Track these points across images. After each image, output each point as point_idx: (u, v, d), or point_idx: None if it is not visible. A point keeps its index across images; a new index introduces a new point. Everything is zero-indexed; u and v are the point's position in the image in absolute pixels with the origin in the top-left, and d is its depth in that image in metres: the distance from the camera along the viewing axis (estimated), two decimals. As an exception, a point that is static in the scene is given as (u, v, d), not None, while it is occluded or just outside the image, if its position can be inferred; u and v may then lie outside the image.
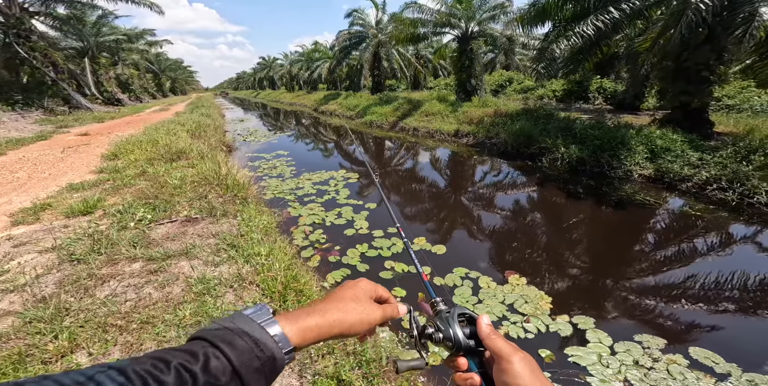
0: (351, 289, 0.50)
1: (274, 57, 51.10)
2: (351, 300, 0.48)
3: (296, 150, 10.38)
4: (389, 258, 3.64)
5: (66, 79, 16.13)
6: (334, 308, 0.46)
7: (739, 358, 2.28)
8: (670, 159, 6.22)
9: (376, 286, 0.53)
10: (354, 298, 0.49)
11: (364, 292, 0.51)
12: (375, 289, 0.53)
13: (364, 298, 0.50)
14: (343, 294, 0.49)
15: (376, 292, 0.53)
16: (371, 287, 0.52)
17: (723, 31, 6.52)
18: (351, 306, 0.47)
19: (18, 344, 1.67)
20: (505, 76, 21.65)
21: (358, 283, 0.52)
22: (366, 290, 0.51)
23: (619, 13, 7.21)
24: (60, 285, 2.20)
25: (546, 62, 8.78)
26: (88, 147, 7.62)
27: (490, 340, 0.47)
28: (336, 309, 0.46)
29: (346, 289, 0.50)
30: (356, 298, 0.49)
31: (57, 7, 15.51)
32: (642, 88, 13.19)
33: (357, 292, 0.50)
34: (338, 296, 0.49)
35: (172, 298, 2.11)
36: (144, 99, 30.58)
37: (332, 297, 0.49)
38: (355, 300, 0.48)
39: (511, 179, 7.19)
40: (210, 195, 3.97)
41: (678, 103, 7.53)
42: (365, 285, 0.52)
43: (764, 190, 4.95)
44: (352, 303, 0.48)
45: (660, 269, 3.56)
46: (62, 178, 4.96)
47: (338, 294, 0.49)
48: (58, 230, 3.05)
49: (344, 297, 0.49)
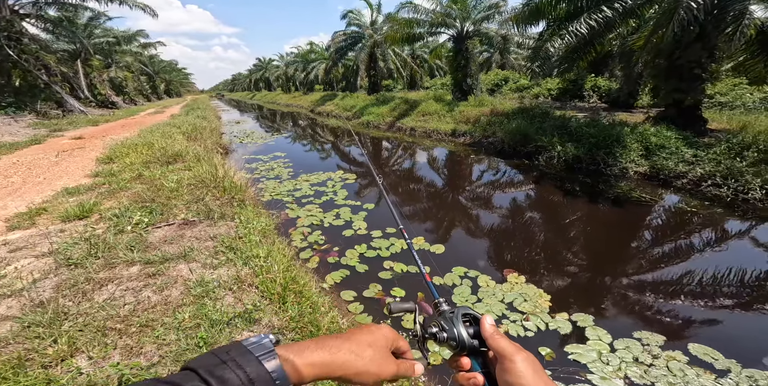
0: (371, 334, 0.46)
1: (270, 58, 50.97)
2: (368, 345, 0.44)
3: (293, 151, 10.36)
4: (388, 258, 3.65)
5: (59, 82, 15.98)
6: (346, 349, 0.42)
7: (738, 354, 2.30)
8: (665, 156, 6.28)
9: (398, 337, 0.49)
10: (371, 345, 0.45)
11: (385, 340, 0.47)
12: (396, 340, 0.49)
13: (382, 347, 0.46)
14: (360, 337, 0.45)
15: (397, 343, 0.49)
16: (393, 337, 0.48)
17: (714, 29, 6.60)
18: (366, 353, 0.43)
19: (17, 348, 1.65)
20: (501, 75, 21.74)
21: (380, 329, 0.48)
22: (387, 339, 0.47)
23: (611, 11, 7.27)
24: (58, 290, 2.19)
25: (541, 61, 8.83)
26: (82, 150, 7.56)
27: (494, 340, 0.47)
28: (349, 351, 0.42)
29: (365, 333, 0.47)
30: (374, 345, 0.45)
31: (48, 9, 15.37)
32: (636, 86, 13.31)
33: (377, 339, 0.46)
34: (355, 337, 0.45)
35: (171, 301, 2.10)
36: (139, 101, 30.38)
37: (348, 337, 0.45)
38: (372, 347, 0.45)
39: (508, 178, 7.23)
40: (207, 197, 3.96)
41: (671, 100, 7.61)
42: (387, 333, 0.48)
43: (758, 185, 5.02)
44: (369, 349, 0.44)
45: (657, 266, 3.60)
46: (57, 182, 4.91)
47: (355, 336, 0.45)
48: (55, 234, 3.03)
49: (361, 340, 0.45)
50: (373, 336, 0.46)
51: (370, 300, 2.98)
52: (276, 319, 2.02)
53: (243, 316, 1.97)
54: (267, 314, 2.04)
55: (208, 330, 1.82)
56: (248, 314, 1.99)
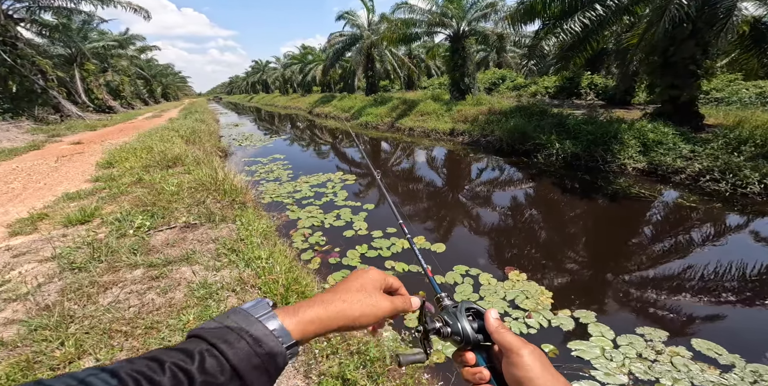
0: (358, 279, 0.47)
1: (267, 61, 50.99)
2: (357, 290, 0.45)
3: (292, 153, 10.37)
4: (389, 258, 3.66)
5: (55, 87, 15.96)
6: (338, 299, 0.43)
7: (742, 349, 2.30)
8: (663, 152, 6.31)
9: (386, 276, 0.50)
10: (360, 288, 0.46)
11: (372, 282, 0.47)
12: (384, 279, 0.49)
13: (371, 288, 0.46)
14: (348, 285, 0.46)
15: (386, 282, 0.49)
16: (380, 277, 0.49)
17: (706, 26, 6.65)
18: (356, 297, 0.44)
19: (25, 351, 1.67)
20: (498, 74, 21.81)
21: (366, 273, 0.49)
22: (374, 280, 0.48)
23: (605, 9, 7.32)
24: (63, 293, 2.20)
25: (536, 59, 8.87)
26: (82, 155, 7.56)
27: (499, 334, 0.46)
28: (340, 300, 0.43)
29: (353, 279, 0.47)
30: (363, 288, 0.46)
31: (42, 13, 15.35)
32: (632, 83, 13.35)
33: (364, 282, 0.47)
34: (344, 287, 0.46)
35: (175, 303, 2.12)
36: (136, 105, 30.36)
37: (337, 288, 0.46)
38: (362, 291, 0.45)
39: (508, 176, 7.25)
40: (208, 200, 3.97)
41: (667, 96, 7.65)
42: (374, 275, 0.48)
43: (756, 180, 5.05)
44: (358, 293, 0.45)
45: (658, 261, 3.62)
46: (58, 188, 4.92)
47: (344, 285, 0.46)
48: (57, 239, 3.03)
49: (350, 287, 0.46)
50: (361, 281, 0.47)
51: (372, 299, 2.99)
52: (280, 320, 2.03)
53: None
54: (271, 315, 2.04)
55: (213, 332, 1.83)
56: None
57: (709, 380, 2.08)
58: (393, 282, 0.51)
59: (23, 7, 14.57)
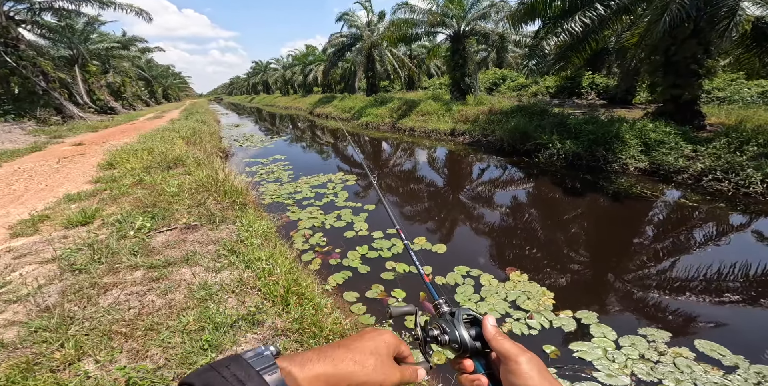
0: (372, 341, 0.45)
1: (267, 61, 51.05)
2: (370, 354, 0.43)
3: (293, 154, 10.38)
4: (390, 258, 3.65)
5: (57, 88, 16.01)
6: (350, 359, 0.41)
7: (746, 350, 2.28)
8: (665, 151, 6.28)
9: (399, 342, 0.48)
10: (374, 353, 0.44)
11: (387, 347, 0.46)
12: (398, 346, 0.48)
13: (385, 355, 0.45)
14: (363, 345, 0.44)
15: (398, 349, 0.48)
16: (395, 342, 0.47)
17: (708, 25, 6.62)
18: (369, 361, 0.42)
19: (25, 353, 1.67)
20: (499, 73, 21.79)
21: (381, 335, 0.47)
22: (389, 345, 0.46)
23: (605, 9, 7.30)
24: (63, 295, 2.20)
25: (537, 59, 8.85)
26: (83, 157, 7.58)
27: (497, 341, 0.46)
28: (352, 361, 0.41)
29: (367, 340, 0.45)
30: (376, 353, 0.44)
31: (43, 14, 15.41)
32: (633, 83, 13.32)
33: (379, 346, 0.45)
34: (357, 346, 0.44)
35: (175, 305, 2.11)
36: (137, 106, 30.45)
37: (349, 346, 0.44)
38: (375, 356, 0.43)
39: (509, 176, 7.23)
40: (208, 201, 3.96)
41: (669, 96, 7.62)
42: (389, 340, 0.47)
43: (759, 179, 5.02)
44: (371, 358, 0.43)
45: (660, 261, 3.60)
46: (59, 189, 4.93)
47: (357, 344, 0.44)
48: (58, 241, 3.04)
49: (363, 349, 0.44)
50: (375, 344, 0.45)
51: (372, 301, 2.99)
52: (279, 321, 2.02)
53: (246, 319, 1.98)
54: (270, 316, 2.04)
55: (213, 333, 1.83)
56: (251, 316, 2.00)
57: (713, 381, 2.06)
58: (404, 349, 0.49)
59: (24, 9, 14.63)
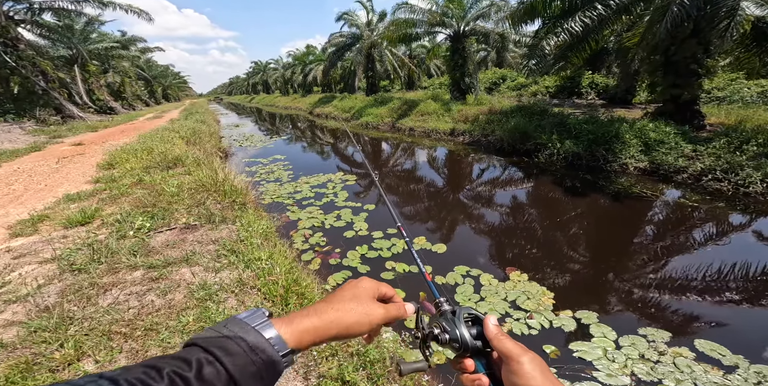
0: (351, 289, 0.49)
1: (267, 61, 51.02)
2: (350, 299, 0.47)
3: (293, 154, 10.37)
4: (389, 258, 3.65)
5: (57, 88, 16.00)
6: (331, 308, 0.45)
7: (746, 350, 2.28)
8: (664, 151, 6.28)
9: (379, 284, 0.51)
10: (353, 298, 0.47)
11: (366, 291, 0.49)
12: (378, 288, 0.51)
13: (365, 297, 0.48)
14: (342, 295, 0.48)
15: (379, 291, 0.51)
16: (373, 285, 0.50)
17: (708, 25, 6.62)
18: (350, 306, 0.46)
19: (25, 353, 1.67)
20: (499, 73, 21.78)
21: (359, 282, 0.50)
22: (367, 289, 0.49)
23: (605, 9, 7.30)
24: (62, 295, 2.19)
25: (537, 59, 8.85)
26: (83, 157, 7.57)
27: (498, 341, 0.46)
28: (333, 310, 0.44)
29: (346, 289, 0.49)
30: (356, 297, 0.47)
31: (43, 14, 15.39)
32: (633, 82, 13.31)
33: (357, 292, 0.48)
34: (337, 297, 0.47)
35: (175, 305, 2.11)
36: (137, 106, 30.42)
37: (331, 298, 0.47)
38: (355, 300, 0.47)
39: (509, 176, 7.23)
40: (208, 201, 3.96)
41: (669, 96, 7.62)
42: (367, 284, 0.50)
43: (759, 179, 5.02)
44: (352, 302, 0.46)
45: (660, 261, 3.60)
46: (58, 189, 4.92)
47: (337, 295, 0.48)
48: (57, 241, 3.03)
49: (343, 297, 0.47)
50: (354, 291, 0.48)
51: (373, 300, 2.98)
52: (280, 321, 2.02)
53: (247, 319, 1.98)
54: (271, 316, 2.04)
55: (213, 333, 1.82)
56: (252, 316, 1.99)
57: (713, 381, 2.06)
58: (386, 290, 0.52)
59: (24, 9, 14.61)
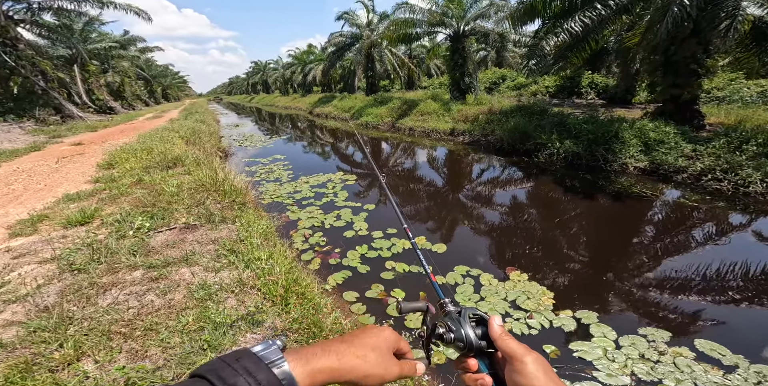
0: (374, 337, 0.48)
1: (267, 61, 51.00)
2: (372, 349, 0.45)
3: (293, 153, 10.37)
4: (389, 258, 3.65)
5: (56, 88, 15.98)
6: (352, 354, 0.43)
7: (745, 349, 2.28)
8: (664, 151, 6.29)
9: (399, 339, 0.50)
10: (375, 348, 0.46)
11: (387, 343, 0.48)
12: (398, 342, 0.50)
13: (385, 350, 0.47)
14: (364, 341, 0.46)
15: (398, 345, 0.50)
16: (395, 339, 0.50)
17: (708, 25, 6.62)
18: (370, 357, 0.44)
19: (24, 353, 1.66)
20: (498, 73, 21.78)
21: (382, 332, 0.49)
22: (389, 341, 0.48)
23: (605, 8, 7.30)
24: (62, 295, 2.19)
25: (537, 59, 8.85)
26: (82, 156, 7.56)
27: (502, 341, 0.47)
28: (354, 356, 0.43)
29: (369, 336, 0.48)
30: (378, 348, 0.46)
31: (43, 14, 15.37)
32: (633, 82, 13.32)
33: (379, 342, 0.47)
34: (359, 341, 0.46)
35: (175, 305, 2.11)
36: (136, 106, 30.40)
37: (352, 341, 0.46)
38: (377, 351, 0.46)
39: (508, 175, 7.23)
40: (208, 201, 3.96)
41: (669, 95, 7.62)
42: (389, 336, 0.49)
43: (759, 179, 5.02)
44: (372, 353, 0.45)
45: (660, 261, 3.60)
46: (58, 189, 4.92)
47: (359, 339, 0.46)
48: (57, 241, 3.03)
49: (365, 344, 0.46)
50: (377, 339, 0.47)
51: (372, 300, 2.98)
52: (279, 321, 2.02)
53: (246, 319, 1.98)
54: (270, 316, 2.04)
55: (212, 333, 1.82)
56: (251, 316, 1.99)
57: (713, 381, 2.06)
58: (403, 345, 0.51)
59: (23, 8, 14.59)
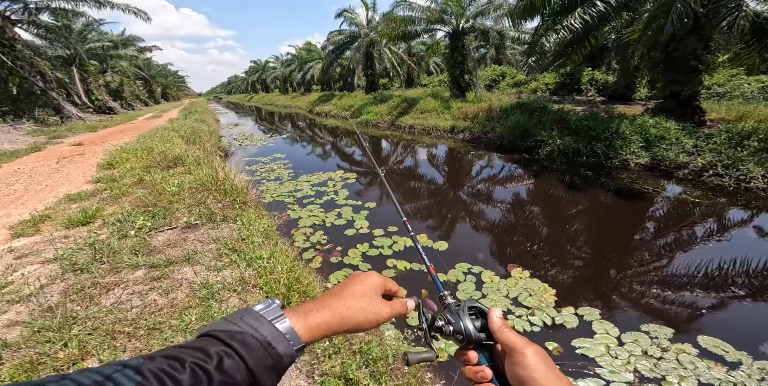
0: (360, 284, 0.50)
1: (266, 60, 50.80)
2: (360, 296, 0.48)
3: (293, 152, 10.36)
4: (391, 256, 3.66)
5: (55, 88, 15.95)
6: (343, 305, 0.46)
7: (749, 346, 2.27)
8: (665, 147, 6.27)
9: (385, 280, 0.53)
10: (363, 295, 0.48)
11: (374, 288, 0.50)
12: (384, 284, 0.52)
13: (373, 294, 0.49)
14: (352, 290, 0.48)
15: (386, 286, 0.52)
16: (381, 282, 0.52)
17: (708, 21, 6.58)
18: (360, 304, 0.47)
19: (29, 353, 1.67)
20: (498, 71, 21.71)
21: (368, 278, 0.51)
22: (375, 285, 0.51)
23: (605, 5, 7.26)
24: (65, 295, 2.20)
25: (537, 56, 8.82)
26: (83, 157, 7.56)
27: (502, 333, 0.47)
28: (345, 307, 0.46)
29: (356, 284, 0.50)
30: (365, 295, 0.48)
31: (40, 14, 15.29)
32: (633, 79, 13.27)
33: (366, 288, 0.49)
34: (347, 292, 0.48)
35: (177, 304, 2.11)
36: (136, 106, 30.37)
37: (341, 293, 0.48)
38: (365, 297, 0.48)
39: (509, 172, 7.22)
40: (208, 200, 3.96)
41: (669, 92, 7.60)
42: (375, 280, 0.51)
43: (760, 174, 5.01)
44: (362, 300, 0.47)
45: (662, 257, 3.60)
46: (59, 189, 4.92)
47: (347, 290, 0.49)
48: (59, 241, 3.03)
49: (353, 293, 0.48)
50: (362, 286, 0.50)
51: (375, 298, 2.98)
52: (282, 319, 2.02)
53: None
54: (273, 314, 2.04)
55: (216, 332, 1.82)
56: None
57: (716, 377, 2.06)
58: (392, 286, 0.54)
59: (20, 8, 14.53)
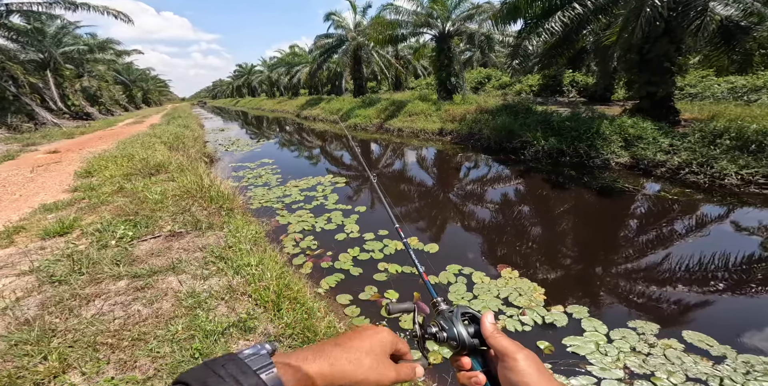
0: (369, 340, 0.45)
1: (252, 64, 50.28)
2: (366, 353, 0.43)
3: (281, 157, 10.25)
4: (382, 260, 3.65)
5: (28, 93, 15.36)
6: (345, 359, 0.41)
7: (732, 339, 2.34)
8: (643, 146, 6.50)
9: (396, 340, 0.48)
10: (370, 352, 0.44)
11: (382, 346, 0.46)
12: (395, 343, 0.48)
13: (380, 353, 0.45)
14: (359, 344, 0.44)
15: (396, 346, 0.48)
16: (392, 341, 0.47)
17: (678, 25, 6.91)
18: (364, 361, 0.42)
19: (6, 367, 1.61)
20: (484, 73, 22.13)
21: (378, 334, 0.47)
22: (385, 343, 0.46)
23: (583, 8, 7.52)
24: (43, 307, 2.10)
25: (520, 58, 9.03)
26: (59, 165, 7.27)
27: (494, 339, 0.47)
28: (347, 361, 0.41)
29: (364, 338, 0.45)
30: (372, 352, 0.44)
31: (11, 17, 14.71)
32: (611, 80, 13.75)
33: (374, 345, 0.45)
34: (353, 345, 0.44)
35: (163, 314, 2.05)
36: (115, 112, 29.44)
37: (345, 345, 0.43)
38: (371, 355, 0.43)
39: (496, 173, 7.34)
40: (194, 208, 3.87)
41: (645, 93, 7.90)
42: (385, 338, 0.47)
43: (733, 171, 5.24)
44: (367, 357, 0.43)
45: (645, 253, 3.70)
46: (34, 199, 4.71)
47: (353, 342, 0.44)
48: (35, 252, 2.90)
49: (360, 348, 0.43)
50: (371, 342, 0.45)
51: (366, 302, 2.97)
52: (271, 327, 1.99)
53: (238, 325, 1.94)
54: (262, 322, 2.00)
55: (203, 341, 1.78)
56: (243, 323, 1.95)
57: (703, 372, 2.10)
58: (402, 347, 0.49)
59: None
